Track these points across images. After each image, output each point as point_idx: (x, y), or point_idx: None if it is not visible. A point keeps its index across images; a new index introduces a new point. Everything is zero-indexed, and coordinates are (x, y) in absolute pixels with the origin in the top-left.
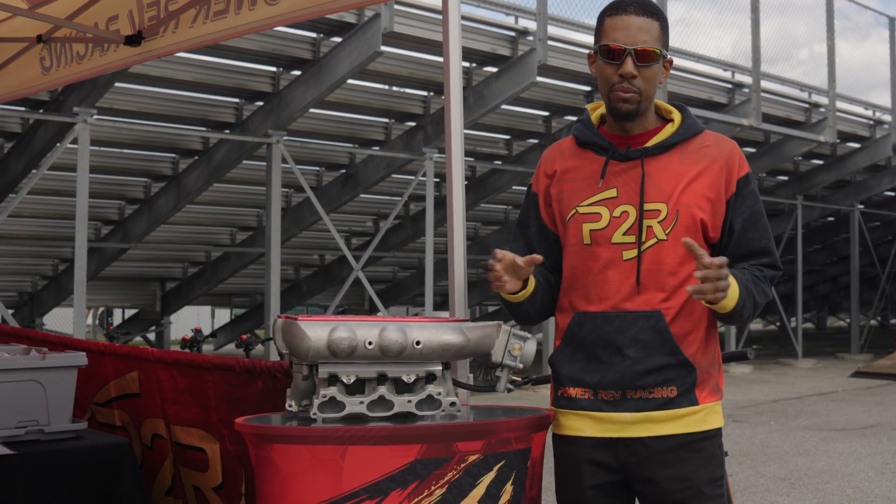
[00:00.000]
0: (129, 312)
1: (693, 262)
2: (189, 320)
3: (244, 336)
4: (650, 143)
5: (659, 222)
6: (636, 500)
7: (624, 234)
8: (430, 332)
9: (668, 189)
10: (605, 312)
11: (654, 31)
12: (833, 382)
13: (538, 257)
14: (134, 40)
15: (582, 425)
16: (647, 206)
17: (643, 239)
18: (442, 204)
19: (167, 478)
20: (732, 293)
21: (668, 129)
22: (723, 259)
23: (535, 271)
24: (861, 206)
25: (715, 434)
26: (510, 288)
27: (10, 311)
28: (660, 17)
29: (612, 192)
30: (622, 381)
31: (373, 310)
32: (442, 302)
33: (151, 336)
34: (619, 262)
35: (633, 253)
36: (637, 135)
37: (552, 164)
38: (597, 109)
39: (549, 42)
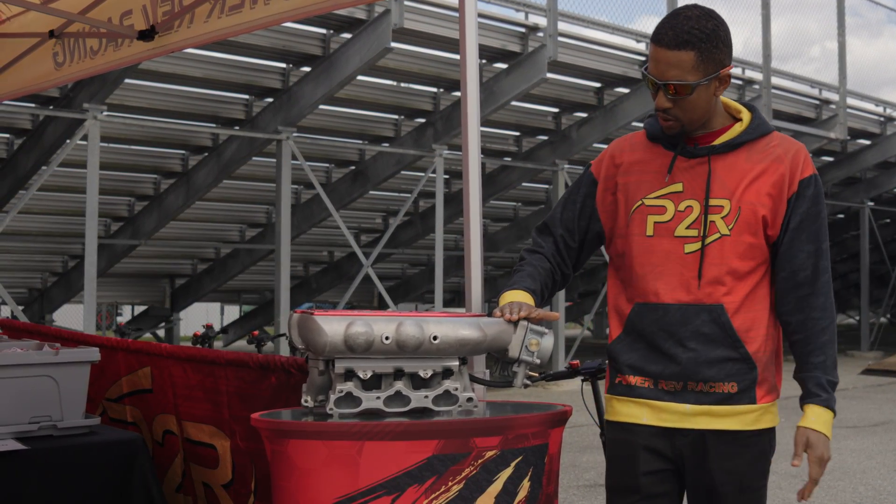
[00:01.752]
0: (139, 309)
1: (751, 260)
2: (198, 317)
3: (255, 332)
4: (717, 142)
5: (722, 218)
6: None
7: (687, 227)
8: (448, 326)
9: (732, 186)
10: (666, 304)
11: (686, 64)
12: (843, 380)
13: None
14: (147, 35)
15: (640, 413)
16: (711, 202)
17: (706, 233)
18: (451, 200)
19: (177, 475)
20: (829, 425)
21: (736, 129)
22: (809, 487)
23: (536, 274)
24: (871, 204)
25: (768, 431)
26: None
27: (20, 308)
28: (697, 44)
29: (678, 187)
30: (684, 372)
31: (382, 307)
32: (451, 299)
33: (161, 332)
34: (680, 255)
35: (695, 247)
36: (704, 135)
37: (621, 155)
38: None
39: (560, 38)
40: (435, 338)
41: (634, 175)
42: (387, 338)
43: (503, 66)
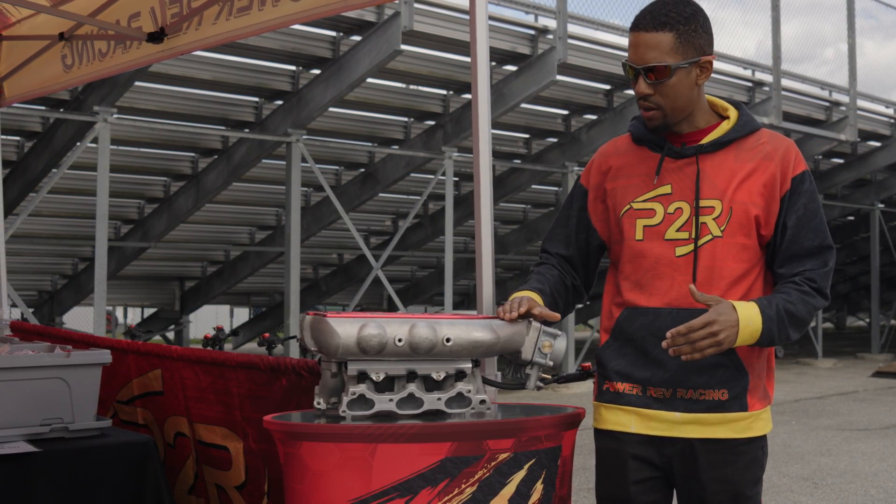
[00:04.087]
0: (148, 311)
1: (745, 262)
2: (208, 319)
3: (265, 334)
4: (705, 141)
5: (714, 219)
6: (674, 494)
7: (677, 230)
8: (461, 328)
9: (723, 186)
10: (657, 309)
11: (664, 46)
12: (854, 382)
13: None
14: (156, 37)
15: (628, 421)
16: (701, 203)
17: (698, 235)
18: (461, 203)
19: (189, 476)
20: (749, 333)
21: (724, 127)
22: (706, 319)
23: (544, 279)
24: (881, 206)
25: (760, 438)
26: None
27: (31, 310)
28: (675, 26)
29: (667, 189)
30: (674, 378)
31: (391, 309)
32: (460, 301)
33: (171, 335)
34: (671, 258)
35: (686, 249)
36: (690, 133)
37: (607, 160)
38: None
39: (569, 40)
40: (448, 340)
41: (622, 180)
42: (400, 340)
43: (513, 68)
